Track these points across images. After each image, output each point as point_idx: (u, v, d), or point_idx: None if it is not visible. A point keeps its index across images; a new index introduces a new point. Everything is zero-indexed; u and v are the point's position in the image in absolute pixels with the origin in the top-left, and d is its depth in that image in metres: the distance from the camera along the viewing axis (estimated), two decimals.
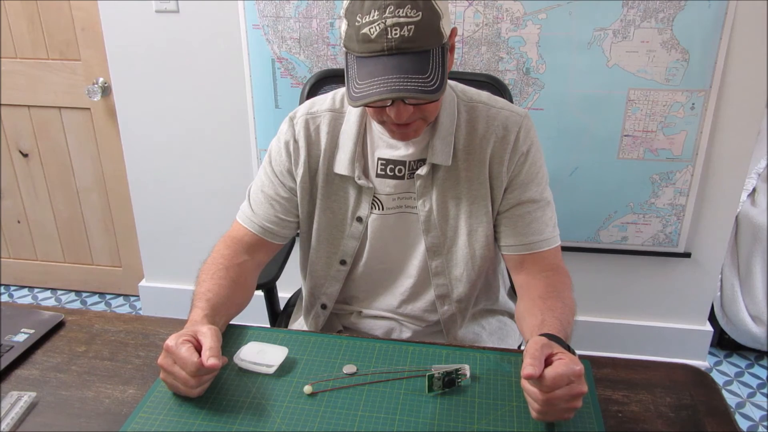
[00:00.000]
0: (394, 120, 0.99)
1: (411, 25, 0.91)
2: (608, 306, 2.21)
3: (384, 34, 0.90)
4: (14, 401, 0.93)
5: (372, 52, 0.93)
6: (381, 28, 0.90)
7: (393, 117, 0.98)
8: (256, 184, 1.21)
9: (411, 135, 1.06)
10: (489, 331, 1.28)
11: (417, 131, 1.05)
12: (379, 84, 0.92)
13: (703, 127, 1.86)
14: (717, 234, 2.03)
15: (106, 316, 1.17)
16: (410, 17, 0.90)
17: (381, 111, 1.01)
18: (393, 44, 0.91)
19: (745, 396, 2.12)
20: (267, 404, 0.93)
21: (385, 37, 0.91)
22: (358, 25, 0.92)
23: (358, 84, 0.94)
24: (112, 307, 2.63)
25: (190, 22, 1.99)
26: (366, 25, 0.91)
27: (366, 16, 0.91)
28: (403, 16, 0.90)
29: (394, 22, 0.90)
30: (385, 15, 0.90)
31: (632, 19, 1.76)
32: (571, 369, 0.82)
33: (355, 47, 0.94)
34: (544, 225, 1.13)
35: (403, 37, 0.91)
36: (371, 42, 0.92)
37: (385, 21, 0.90)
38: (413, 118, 1.01)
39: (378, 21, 0.90)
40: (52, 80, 2.30)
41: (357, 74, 0.95)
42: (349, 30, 0.94)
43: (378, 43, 0.91)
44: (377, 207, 1.15)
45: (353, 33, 0.93)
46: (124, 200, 2.42)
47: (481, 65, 1.86)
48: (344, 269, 1.21)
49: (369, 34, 0.91)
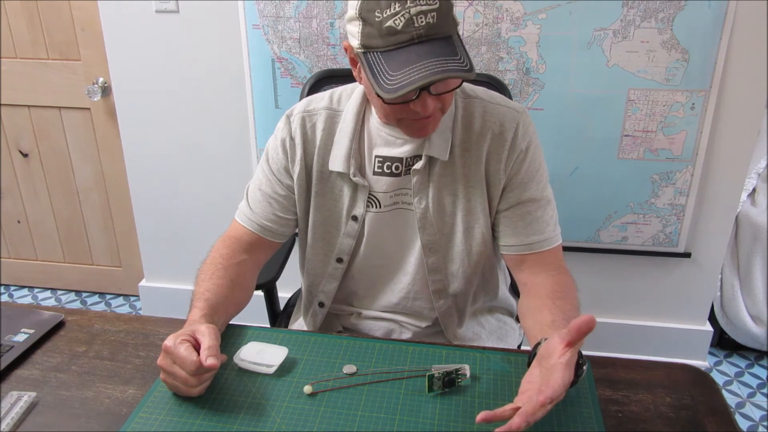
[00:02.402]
0: (421, 113, 0.99)
1: (433, 12, 0.92)
2: (608, 306, 2.21)
3: (411, 23, 0.91)
4: (14, 401, 0.93)
5: (400, 43, 0.93)
6: (407, 18, 0.91)
7: (419, 110, 0.99)
8: (253, 183, 1.21)
9: (431, 128, 1.06)
10: (488, 331, 1.28)
11: (436, 123, 1.06)
12: (419, 70, 0.92)
13: (703, 127, 1.86)
14: (717, 234, 2.03)
15: (106, 316, 1.17)
16: (431, 5, 0.92)
17: (403, 108, 1.00)
18: (422, 32, 0.92)
19: (745, 396, 2.12)
20: (267, 404, 0.93)
21: (412, 26, 0.92)
22: (380, 20, 0.92)
23: (392, 75, 0.93)
24: (112, 307, 2.63)
25: (190, 22, 1.99)
26: (389, 18, 0.92)
27: (386, 10, 0.92)
28: (424, 4, 0.92)
29: (418, 10, 0.91)
30: (407, 5, 0.91)
31: (632, 19, 1.76)
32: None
33: (378, 43, 0.94)
34: (544, 224, 1.13)
35: (429, 24, 0.92)
36: (398, 33, 0.92)
37: (410, 11, 0.91)
38: (436, 109, 1.01)
39: (402, 12, 0.91)
40: (52, 80, 2.30)
41: (387, 67, 0.94)
42: (367, 28, 0.94)
43: (406, 33, 0.92)
44: (374, 205, 1.15)
45: (374, 30, 0.93)
46: (124, 200, 2.42)
47: (481, 65, 1.86)
48: (341, 267, 1.21)
49: (395, 26, 0.92)
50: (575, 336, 0.82)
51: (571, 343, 0.83)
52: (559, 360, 0.82)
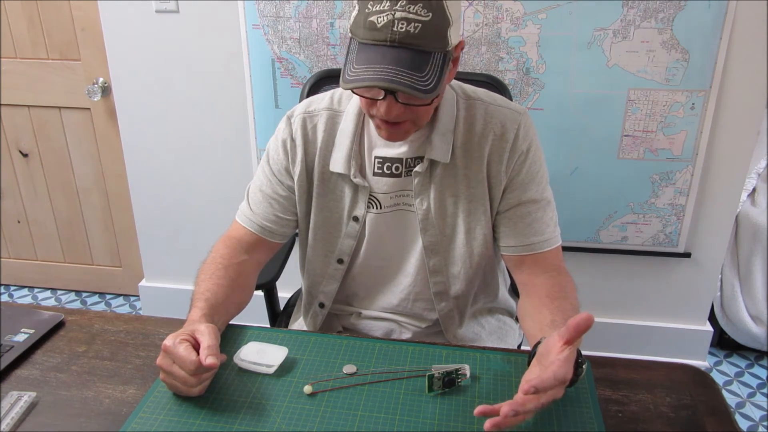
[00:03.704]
0: (384, 116, 0.99)
1: (419, 23, 0.91)
2: (608, 306, 2.21)
3: (390, 25, 0.91)
4: (14, 401, 0.93)
5: (375, 41, 0.93)
6: (389, 19, 0.91)
7: (382, 112, 0.98)
8: (254, 184, 1.21)
9: (398, 136, 1.05)
10: (488, 331, 1.28)
11: (405, 133, 1.05)
12: (374, 71, 0.92)
13: (703, 127, 1.86)
14: (717, 234, 2.03)
15: (106, 316, 1.17)
16: (420, 15, 0.91)
17: (372, 104, 1.00)
18: (397, 37, 0.91)
19: (745, 396, 2.12)
20: (267, 404, 0.93)
21: (390, 29, 0.91)
22: (368, 12, 0.92)
23: (354, 68, 0.94)
24: (112, 307, 2.63)
25: (190, 22, 1.99)
26: (375, 14, 0.92)
27: (378, 4, 0.91)
28: (413, 13, 0.91)
29: (402, 16, 0.91)
30: (395, 7, 0.90)
31: (632, 19, 1.76)
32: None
33: (360, 33, 0.94)
34: (544, 225, 1.13)
35: (408, 33, 0.91)
36: (376, 30, 0.92)
37: (394, 13, 0.90)
38: (402, 118, 1.00)
39: (387, 12, 0.91)
40: (52, 80, 2.30)
41: (355, 59, 0.95)
42: (358, 16, 0.95)
43: (382, 33, 0.92)
44: (375, 206, 1.15)
45: (361, 19, 0.94)
46: (124, 200, 2.42)
47: (481, 65, 1.86)
48: (342, 268, 1.21)
49: (376, 23, 0.92)
50: (573, 334, 0.83)
51: (569, 341, 0.83)
52: (557, 357, 0.83)
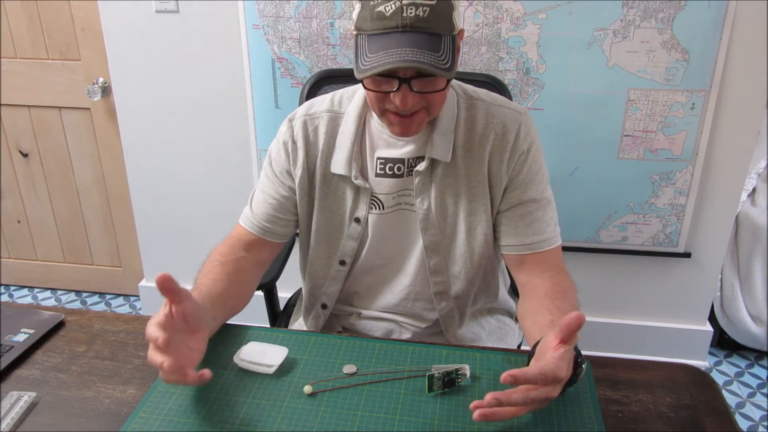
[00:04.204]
0: (399, 107, 0.99)
1: (426, 7, 0.92)
2: (608, 306, 2.21)
3: (399, 12, 0.92)
4: (14, 401, 0.93)
5: (385, 29, 0.93)
6: (397, 6, 0.91)
7: (398, 104, 0.98)
8: (258, 186, 1.22)
9: (413, 129, 1.05)
10: (488, 331, 1.28)
11: (419, 125, 1.05)
12: (391, 56, 0.92)
13: (703, 127, 1.86)
14: (717, 234, 2.03)
15: (106, 316, 1.17)
16: (425, 1, 0.92)
17: (384, 98, 1.00)
18: (408, 22, 0.92)
19: (745, 396, 2.12)
20: (267, 404, 0.93)
21: (400, 15, 0.92)
22: (373, 4, 0.93)
23: (368, 57, 0.94)
24: (112, 307, 2.63)
25: (190, 22, 1.99)
26: (381, 4, 0.92)
27: None
28: None
29: (410, 1, 0.91)
30: None
31: (632, 19, 1.76)
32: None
33: (367, 26, 0.95)
34: (545, 225, 1.13)
35: (417, 17, 0.92)
36: (386, 19, 0.92)
37: (402, 0, 0.91)
38: (417, 107, 1.00)
39: (394, 0, 0.91)
40: (52, 80, 2.30)
41: (367, 50, 0.94)
42: (362, 12, 0.95)
43: (392, 20, 0.92)
44: (377, 207, 1.15)
45: (366, 13, 0.94)
46: (124, 200, 2.42)
47: (481, 65, 1.86)
48: (344, 269, 1.21)
49: (384, 12, 0.92)
50: (566, 333, 0.84)
51: (563, 340, 0.84)
52: (552, 354, 0.84)
